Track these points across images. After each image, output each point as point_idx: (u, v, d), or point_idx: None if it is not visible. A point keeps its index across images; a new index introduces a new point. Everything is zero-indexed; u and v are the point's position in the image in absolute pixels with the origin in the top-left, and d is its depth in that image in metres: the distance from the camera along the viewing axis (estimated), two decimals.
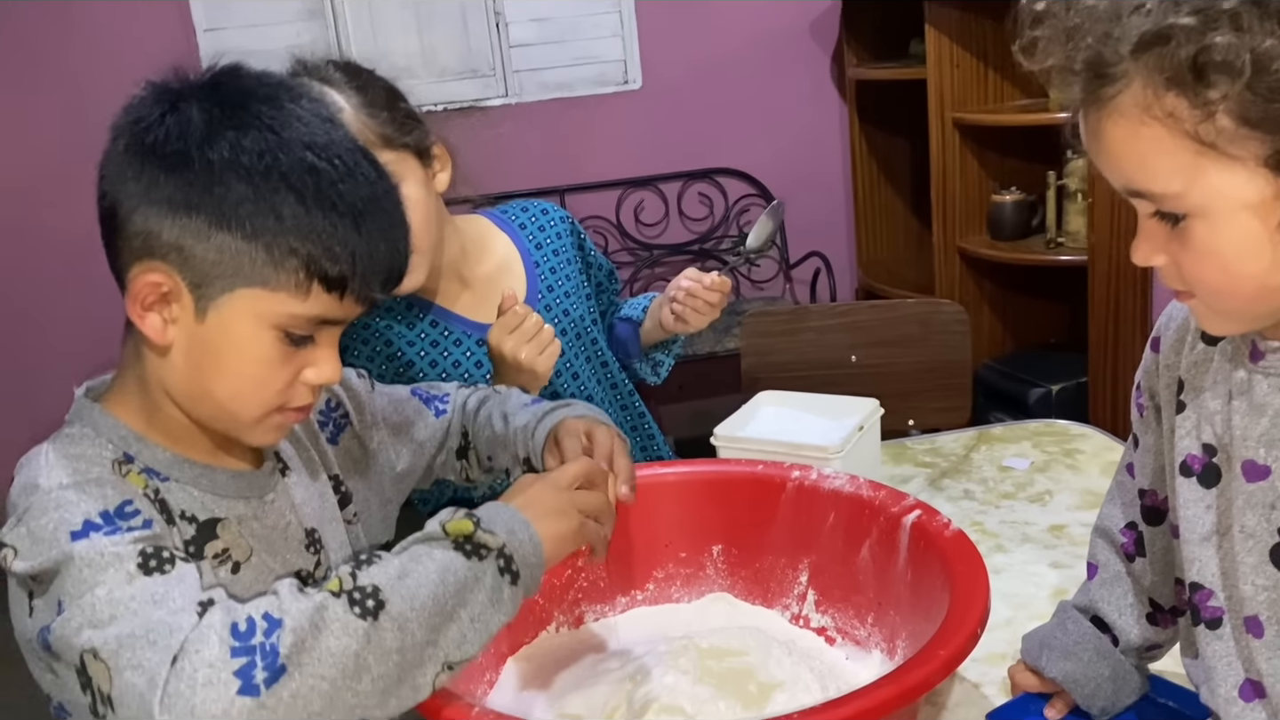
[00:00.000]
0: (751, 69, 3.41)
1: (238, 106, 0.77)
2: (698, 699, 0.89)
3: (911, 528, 0.98)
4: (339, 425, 1.02)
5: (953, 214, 2.89)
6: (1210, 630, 0.79)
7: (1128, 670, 0.94)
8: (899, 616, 0.99)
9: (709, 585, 1.13)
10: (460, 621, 0.73)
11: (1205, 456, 0.78)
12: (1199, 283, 0.70)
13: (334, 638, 0.68)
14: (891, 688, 0.76)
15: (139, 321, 0.78)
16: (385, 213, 0.81)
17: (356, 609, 0.69)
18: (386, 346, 1.31)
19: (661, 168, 3.37)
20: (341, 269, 0.78)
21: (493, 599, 0.75)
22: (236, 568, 0.83)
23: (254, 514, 0.86)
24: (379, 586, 0.71)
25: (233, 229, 0.75)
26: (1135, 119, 0.65)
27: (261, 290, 0.77)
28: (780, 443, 1.27)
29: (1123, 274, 2.49)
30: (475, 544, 0.76)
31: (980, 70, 2.81)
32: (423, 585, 0.72)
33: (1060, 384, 2.68)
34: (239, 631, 0.66)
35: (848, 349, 2.00)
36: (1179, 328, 0.83)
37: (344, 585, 0.71)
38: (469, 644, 0.74)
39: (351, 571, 0.72)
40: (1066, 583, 1.18)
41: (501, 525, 0.78)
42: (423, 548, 0.75)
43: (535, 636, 1.07)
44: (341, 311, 0.81)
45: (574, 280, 1.42)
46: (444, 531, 0.76)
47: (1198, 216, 0.67)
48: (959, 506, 1.38)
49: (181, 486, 0.82)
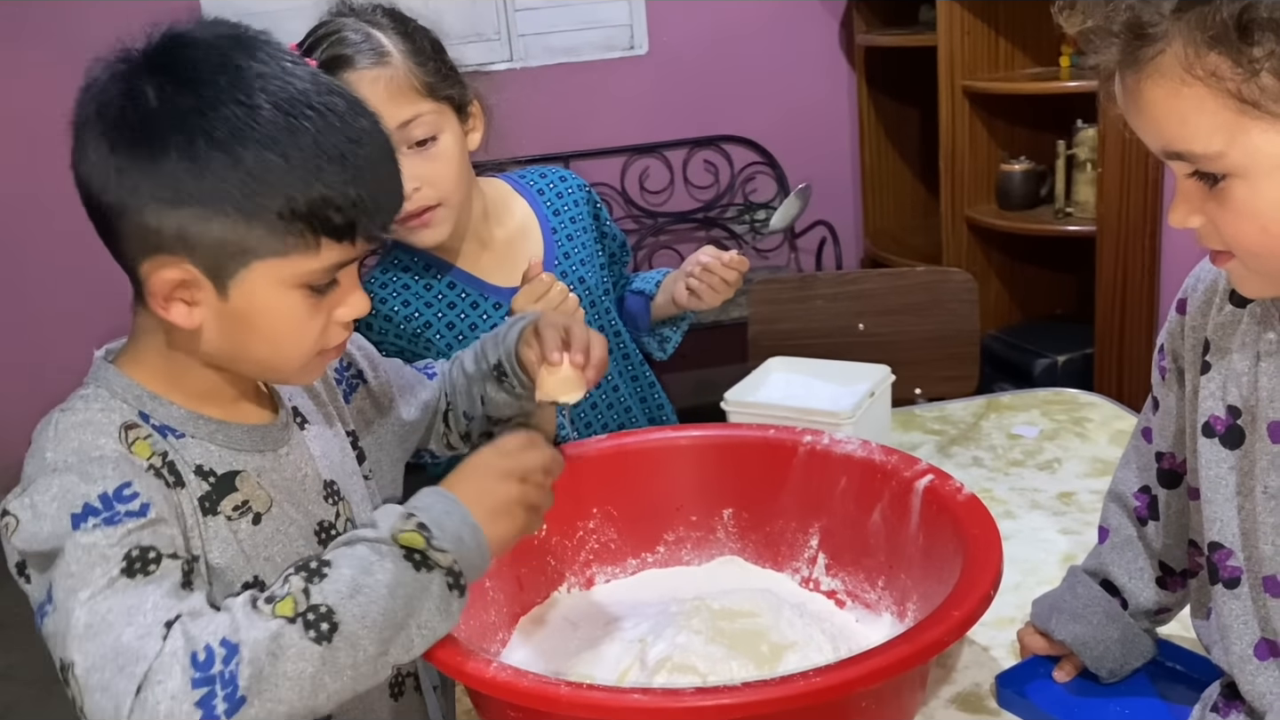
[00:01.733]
0: (759, 35, 3.39)
1: (196, 81, 0.76)
2: (710, 658, 0.90)
3: (924, 492, 0.98)
4: (352, 384, 1.03)
5: (961, 183, 2.87)
6: (1228, 590, 0.79)
7: (1137, 633, 0.94)
8: (910, 580, 0.99)
9: (719, 548, 1.13)
10: (409, 630, 0.75)
11: (1229, 418, 0.78)
12: (1238, 243, 0.70)
13: (290, 663, 0.70)
14: (906, 647, 0.76)
15: (163, 313, 0.79)
16: (371, 148, 0.80)
17: (311, 632, 0.71)
18: (404, 307, 1.31)
19: (667, 134, 3.36)
20: (346, 217, 0.78)
21: (440, 609, 0.77)
22: (258, 519, 0.84)
23: (271, 466, 0.87)
24: (332, 607, 0.72)
25: (229, 211, 0.75)
26: (1176, 79, 0.65)
27: (275, 259, 0.77)
28: (791, 408, 1.27)
29: (1131, 245, 2.48)
30: (425, 559, 0.76)
31: (991, 38, 2.79)
32: (374, 602, 0.73)
33: (1066, 355, 2.68)
34: (198, 661, 0.69)
35: (855, 317, 2.00)
36: (1206, 289, 0.82)
37: (298, 607, 0.72)
38: (415, 649, 0.77)
39: (304, 589, 0.73)
40: (1075, 549, 1.18)
41: (450, 536, 0.78)
42: (373, 556, 0.75)
43: (547, 597, 1.08)
44: (355, 252, 0.81)
45: (589, 249, 1.42)
46: (393, 540, 0.76)
47: (1238, 176, 0.66)
48: (968, 474, 1.38)
49: (199, 442, 0.83)
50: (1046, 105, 2.76)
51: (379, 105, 1.16)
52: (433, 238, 1.26)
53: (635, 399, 1.46)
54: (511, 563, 1.04)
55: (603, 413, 1.41)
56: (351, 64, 1.18)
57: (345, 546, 0.76)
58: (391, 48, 1.20)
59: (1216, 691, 0.84)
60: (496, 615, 1.02)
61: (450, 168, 1.24)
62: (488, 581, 1.01)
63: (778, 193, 3.48)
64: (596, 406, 1.40)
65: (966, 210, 2.87)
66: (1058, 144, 2.67)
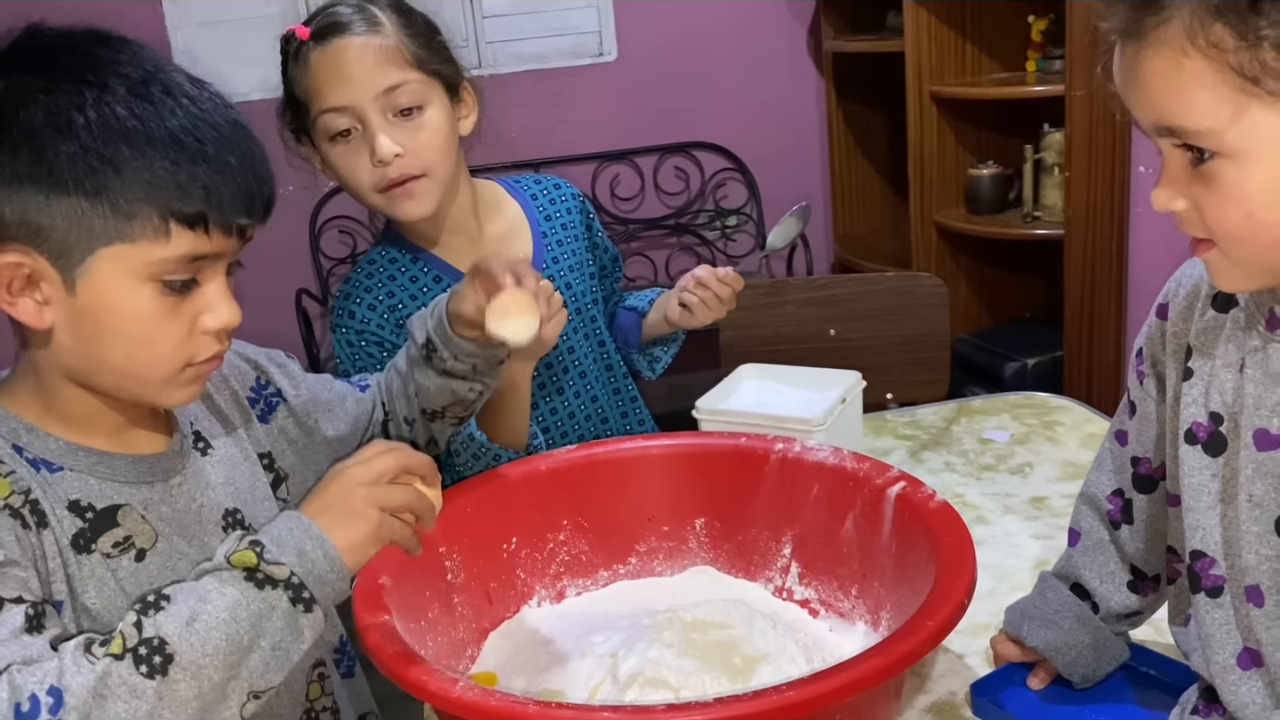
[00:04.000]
0: (728, 41, 3.39)
1: (46, 66, 0.74)
2: (683, 672, 0.88)
3: (896, 499, 0.98)
4: (270, 403, 0.99)
5: (929, 187, 2.88)
6: (1210, 599, 0.78)
7: (1108, 638, 0.94)
8: (883, 588, 0.99)
9: (692, 558, 1.12)
10: (261, 650, 0.73)
11: (1212, 425, 0.78)
12: (1221, 229, 0.68)
13: (121, 703, 0.67)
14: (879, 659, 0.75)
15: (10, 310, 0.76)
16: (228, 135, 0.77)
17: (143, 667, 0.68)
18: (388, 296, 1.30)
19: (637, 141, 3.35)
20: (196, 204, 0.75)
21: (289, 627, 0.74)
22: (141, 555, 0.81)
23: (160, 498, 0.84)
24: (165, 639, 0.69)
25: (71, 191, 0.72)
26: (1178, 50, 0.64)
27: (121, 245, 0.74)
28: (762, 415, 1.26)
29: (1098, 248, 2.49)
30: (263, 575, 0.74)
31: (958, 43, 2.80)
32: (214, 627, 0.71)
33: (1036, 358, 2.69)
34: (22, 712, 0.65)
35: (826, 323, 1.99)
36: (1188, 294, 0.82)
37: (128, 643, 0.69)
38: (272, 672, 0.74)
39: (136, 622, 0.70)
40: (1048, 553, 1.18)
41: (291, 549, 0.75)
42: (212, 582, 0.73)
43: (517, 611, 1.06)
44: (212, 246, 0.77)
45: (579, 256, 1.41)
46: (229, 563, 0.74)
47: (1228, 157, 0.65)
48: (940, 479, 1.38)
49: (78, 475, 0.80)
50: (1013, 110, 2.77)
51: (367, 69, 1.19)
52: (416, 210, 1.25)
53: (616, 412, 1.45)
54: (481, 576, 1.03)
55: (580, 423, 1.40)
56: (343, 29, 1.20)
57: (191, 580, 0.74)
58: (384, 19, 1.21)
59: (1195, 695, 0.84)
60: (465, 631, 1.00)
61: (435, 140, 1.24)
62: (456, 596, 1.00)
63: (748, 199, 3.48)
64: (575, 416, 1.39)
65: (935, 215, 2.88)
66: (1025, 148, 2.69)
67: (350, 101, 1.19)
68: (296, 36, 1.21)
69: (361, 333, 1.29)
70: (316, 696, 0.95)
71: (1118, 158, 2.42)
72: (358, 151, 1.21)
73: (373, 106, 1.20)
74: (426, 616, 0.95)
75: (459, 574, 1.00)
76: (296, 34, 1.21)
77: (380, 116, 1.20)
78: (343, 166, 1.23)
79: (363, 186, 1.23)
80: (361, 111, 1.20)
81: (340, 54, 1.20)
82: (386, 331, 1.29)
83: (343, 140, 1.22)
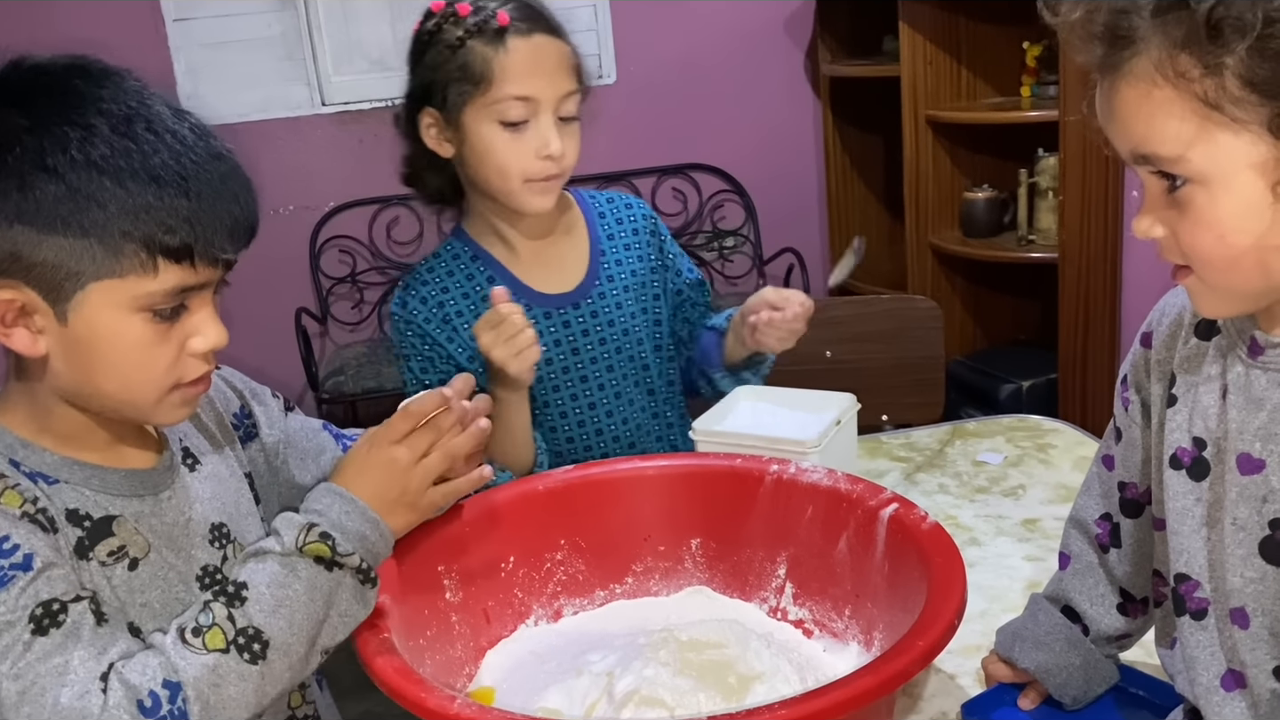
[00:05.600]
0: (726, 65, 3.42)
1: (29, 103, 0.76)
2: (678, 691, 0.89)
3: (889, 521, 0.99)
4: (249, 433, 1.01)
5: (925, 211, 2.91)
6: (1195, 621, 0.80)
7: (1099, 660, 0.95)
8: (876, 609, 1.00)
9: (687, 578, 1.13)
10: (331, 621, 0.82)
11: (1195, 450, 0.79)
12: (1195, 253, 0.71)
13: (233, 687, 0.76)
14: (870, 678, 0.76)
15: (5, 340, 0.78)
16: (211, 170, 0.79)
17: (246, 655, 0.77)
18: (442, 293, 1.35)
19: (635, 163, 3.37)
20: (181, 238, 0.77)
21: (356, 598, 0.84)
22: (134, 564, 0.83)
23: (151, 510, 0.86)
24: (259, 628, 0.78)
25: (60, 230, 0.75)
26: (1148, 80, 0.67)
27: (111, 280, 0.77)
28: (758, 436, 1.27)
29: (1093, 272, 2.51)
30: (335, 563, 0.82)
31: (954, 68, 2.83)
32: (297, 610, 0.80)
33: (1030, 380, 2.71)
34: (145, 708, 0.73)
35: (822, 344, 2.01)
36: (1172, 322, 0.83)
37: (228, 636, 0.77)
38: (340, 634, 0.84)
39: (229, 615, 0.78)
40: (1040, 575, 1.19)
41: (354, 536, 0.83)
42: (283, 572, 0.80)
43: (514, 630, 1.07)
44: (198, 278, 0.80)
45: (639, 278, 1.41)
46: (299, 552, 0.81)
47: (1198, 183, 0.68)
48: (934, 500, 1.39)
49: (73, 488, 0.82)
50: (1008, 134, 2.80)
51: (557, 70, 1.27)
52: (546, 205, 1.32)
53: (650, 436, 1.43)
54: (478, 595, 1.04)
55: (607, 443, 1.40)
56: (545, 27, 1.27)
57: (255, 562, 0.80)
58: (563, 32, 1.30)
59: (1180, 717, 0.85)
60: (463, 649, 1.01)
61: (577, 149, 1.32)
62: (454, 615, 1.01)
63: (745, 220, 3.51)
64: (602, 434, 1.39)
65: (931, 237, 2.90)
66: (1020, 172, 2.72)
67: (538, 95, 1.25)
68: (496, 19, 1.25)
69: (410, 323, 1.33)
70: (298, 705, 0.98)
71: (1111, 182, 2.44)
72: (524, 140, 1.27)
73: (552, 106, 1.27)
74: (425, 634, 0.96)
75: (457, 593, 1.02)
76: (498, 18, 1.25)
77: (553, 116, 1.27)
78: (502, 149, 1.27)
79: (512, 171, 1.28)
80: (542, 107, 1.26)
81: (541, 48, 1.26)
82: (432, 326, 1.33)
83: (511, 128, 1.26)
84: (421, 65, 1.30)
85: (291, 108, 3.16)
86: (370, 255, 3.32)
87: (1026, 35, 2.72)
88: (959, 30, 2.80)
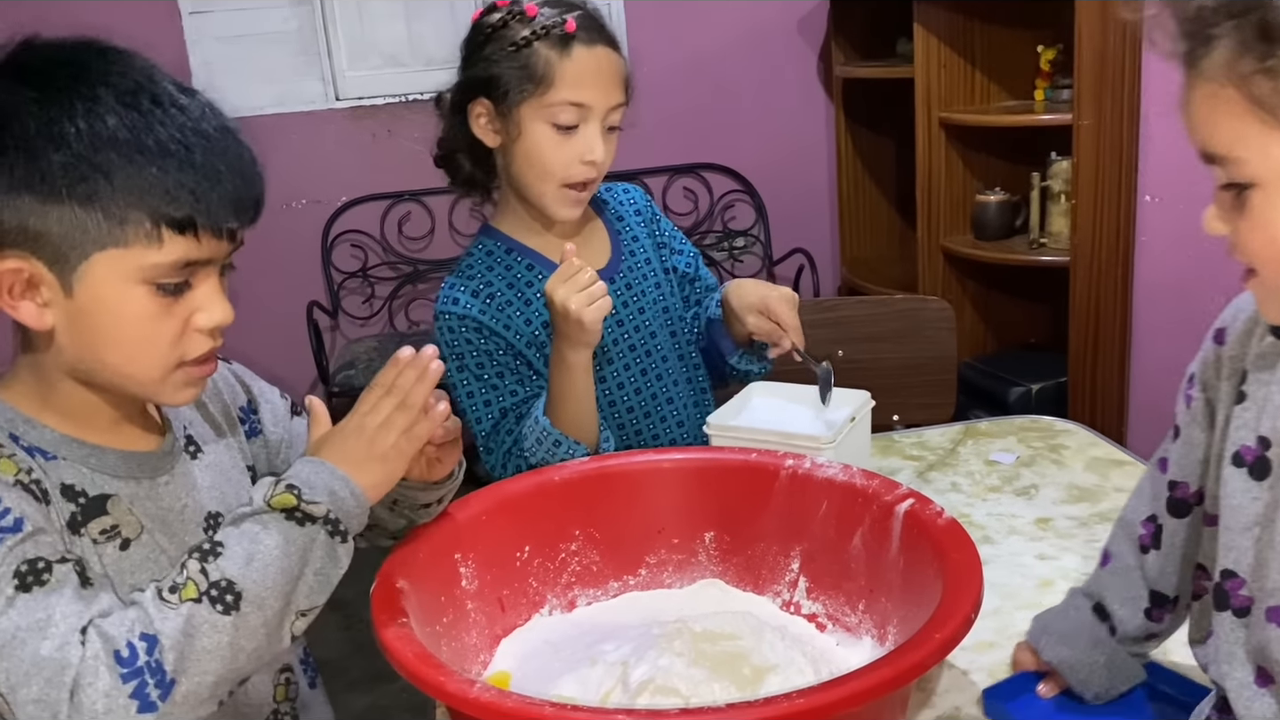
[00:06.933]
0: (739, 65, 3.42)
1: (39, 77, 0.77)
2: (693, 680, 0.90)
3: (905, 516, 0.99)
4: (254, 428, 1.02)
5: (937, 213, 2.91)
6: (1236, 618, 0.80)
7: (1124, 659, 0.96)
8: (890, 603, 1.00)
9: (701, 571, 1.14)
10: (306, 579, 0.81)
11: (1260, 449, 0.79)
12: (1253, 255, 0.71)
13: (207, 638, 0.76)
14: (889, 669, 0.77)
15: (12, 312, 0.79)
16: (215, 142, 0.80)
17: (219, 606, 0.77)
18: (487, 286, 1.38)
19: (647, 161, 3.38)
20: (185, 209, 0.78)
21: (328, 555, 0.82)
22: (126, 544, 0.84)
23: (147, 494, 0.87)
24: (232, 579, 0.77)
25: (65, 199, 0.75)
26: (1217, 80, 0.68)
27: (115, 250, 0.77)
28: (772, 432, 1.28)
29: (1104, 276, 2.51)
30: (303, 513, 0.81)
31: (967, 71, 2.84)
32: (269, 563, 0.79)
33: (1040, 383, 2.71)
34: (122, 658, 0.74)
35: (834, 344, 2.01)
36: (1247, 320, 0.84)
37: (200, 588, 0.77)
38: (317, 594, 0.82)
39: (201, 569, 0.78)
40: (1053, 574, 1.19)
41: (322, 490, 0.82)
42: (255, 526, 0.80)
43: (528, 619, 1.07)
44: (203, 251, 0.80)
45: (648, 253, 1.49)
46: (269, 506, 0.81)
47: (1257, 185, 0.69)
48: (946, 499, 1.39)
49: (70, 465, 0.83)
50: (1021, 137, 2.80)
51: (611, 81, 1.32)
52: (571, 214, 1.37)
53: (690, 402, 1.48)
54: (494, 584, 1.04)
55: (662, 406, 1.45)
56: (606, 39, 1.32)
57: (231, 526, 0.80)
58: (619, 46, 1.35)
59: (1208, 707, 0.85)
60: (478, 637, 1.01)
61: (613, 157, 1.36)
62: (469, 603, 1.01)
63: (756, 221, 3.51)
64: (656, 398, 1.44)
65: (942, 240, 2.90)
66: (1032, 176, 2.71)
67: (592, 103, 1.30)
68: (564, 26, 1.29)
69: (463, 318, 1.35)
70: (282, 700, 0.99)
71: (1124, 187, 2.44)
72: (571, 144, 1.31)
73: (601, 114, 1.32)
74: (441, 621, 0.96)
75: (473, 581, 1.02)
76: (566, 25, 1.29)
77: (601, 124, 1.31)
78: (549, 150, 1.31)
79: (555, 173, 1.32)
80: (593, 114, 1.30)
81: (601, 59, 1.31)
82: (487, 317, 1.35)
83: (562, 131, 1.30)
84: (480, 56, 1.33)
85: (306, 102, 3.17)
86: (382, 250, 3.33)
87: (1041, 39, 2.72)
88: (973, 33, 2.80)
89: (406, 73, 3.25)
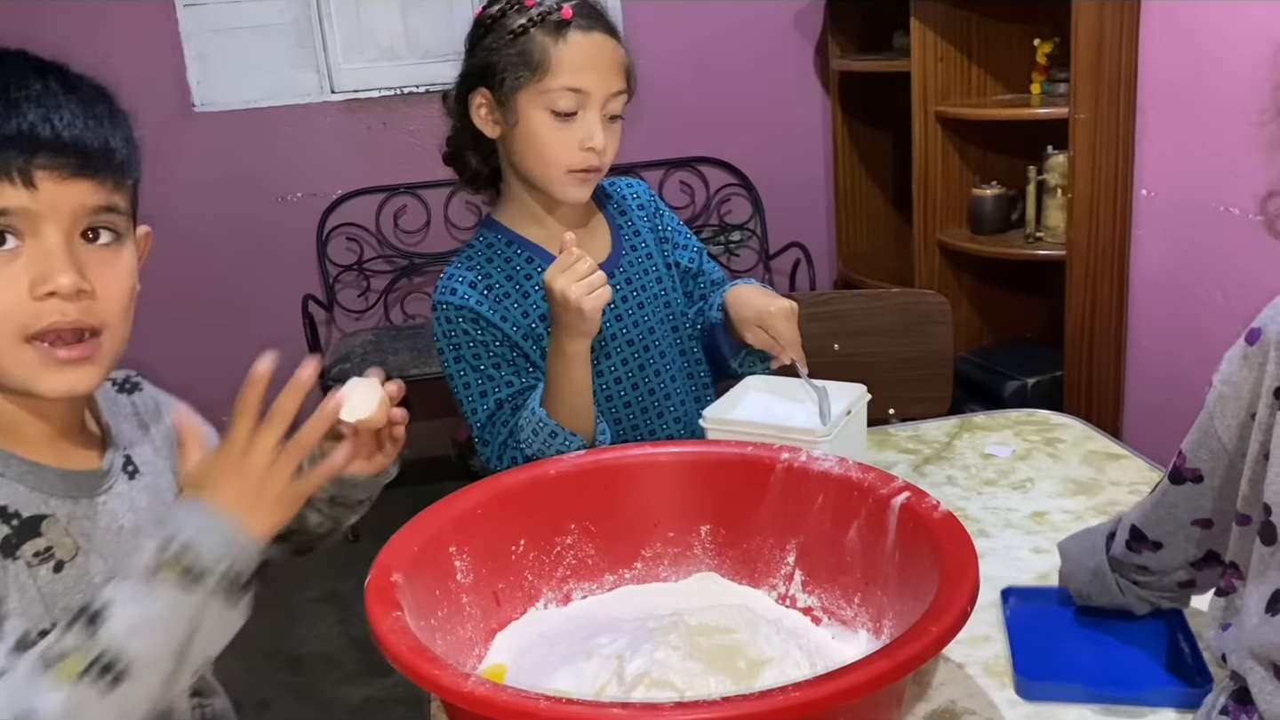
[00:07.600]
0: (735, 58, 3.42)
1: None
2: (688, 674, 0.89)
3: (900, 509, 0.99)
4: None
5: (933, 207, 2.91)
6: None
7: (1106, 574, 1.02)
8: (886, 596, 1.00)
9: (697, 565, 1.14)
10: (203, 632, 0.77)
11: None
12: None
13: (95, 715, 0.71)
14: (885, 662, 0.77)
15: None
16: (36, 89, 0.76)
17: (102, 683, 0.72)
18: (485, 278, 1.38)
19: (643, 155, 3.38)
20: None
21: (225, 610, 0.78)
22: (60, 566, 0.82)
23: (84, 513, 0.85)
24: (118, 652, 0.73)
25: None
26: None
27: None
28: (768, 425, 1.27)
29: (1100, 270, 2.51)
30: (195, 573, 0.76)
31: (964, 64, 2.83)
32: (159, 630, 0.74)
33: (1036, 377, 2.71)
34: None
35: (830, 338, 2.00)
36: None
37: (84, 662, 0.72)
38: (214, 644, 0.79)
39: (87, 638, 0.72)
40: (1049, 567, 1.19)
41: (218, 544, 0.77)
42: (144, 588, 0.75)
43: (523, 613, 1.07)
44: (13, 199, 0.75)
45: (650, 248, 1.49)
46: (160, 564, 0.75)
47: None
48: (942, 493, 1.39)
49: (8, 482, 0.81)
50: (1018, 131, 2.80)
51: (610, 69, 1.32)
52: (585, 195, 1.38)
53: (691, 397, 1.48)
54: (489, 577, 1.04)
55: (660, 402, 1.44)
56: (604, 26, 1.33)
57: (121, 583, 0.75)
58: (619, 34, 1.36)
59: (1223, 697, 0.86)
60: (473, 630, 1.01)
61: (617, 147, 1.37)
62: (465, 596, 1.01)
63: (752, 214, 3.51)
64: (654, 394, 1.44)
65: (938, 234, 2.90)
66: (1028, 170, 2.71)
67: (589, 89, 1.30)
68: (560, 12, 1.29)
69: (461, 308, 1.35)
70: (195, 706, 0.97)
71: (1120, 181, 2.44)
72: (570, 131, 1.31)
73: (600, 101, 1.31)
74: (436, 615, 0.96)
75: (468, 574, 1.02)
76: (562, 12, 1.30)
77: (601, 112, 1.31)
78: (549, 137, 1.31)
79: (557, 160, 1.32)
80: (591, 101, 1.30)
81: (598, 46, 1.31)
82: (484, 308, 1.35)
83: (560, 118, 1.30)
84: (480, 47, 1.34)
85: (301, 95, 3.17)
86: (377, 243, 3.32)
87: (1038, 32, 2.71)
88: (970, 27, 2.80)
89: (402, 65, 3.24)
